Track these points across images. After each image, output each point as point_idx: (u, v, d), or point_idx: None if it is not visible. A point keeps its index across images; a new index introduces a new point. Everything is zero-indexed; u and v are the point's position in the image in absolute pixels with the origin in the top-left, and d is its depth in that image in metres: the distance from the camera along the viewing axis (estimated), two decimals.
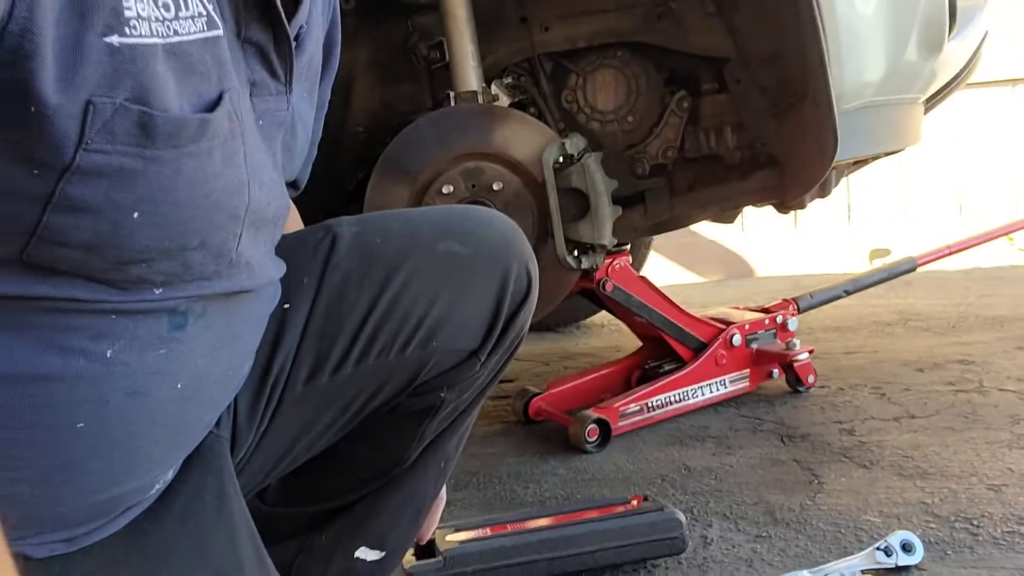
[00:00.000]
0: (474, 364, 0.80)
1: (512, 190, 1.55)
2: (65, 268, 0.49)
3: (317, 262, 0.74)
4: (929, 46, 1.59)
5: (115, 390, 0.53)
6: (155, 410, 0.56)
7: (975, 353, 2.21)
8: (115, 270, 0.51)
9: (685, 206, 1.78)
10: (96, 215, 0.48)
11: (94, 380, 0.52)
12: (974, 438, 1.57)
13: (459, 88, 1.58)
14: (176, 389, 0.57)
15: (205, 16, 0.51)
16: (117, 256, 0.50)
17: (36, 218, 0.46)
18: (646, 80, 1.76)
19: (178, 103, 0.49)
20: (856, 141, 1.55)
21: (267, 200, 0.60)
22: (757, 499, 1.39)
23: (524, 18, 1.72)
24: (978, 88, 3.91)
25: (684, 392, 1.86)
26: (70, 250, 0.48)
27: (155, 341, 0.54)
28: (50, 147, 0.44)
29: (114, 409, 0.54)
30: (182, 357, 0.57)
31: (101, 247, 0.49)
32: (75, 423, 0.52)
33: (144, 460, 0.58)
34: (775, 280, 3.97)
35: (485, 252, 0.78)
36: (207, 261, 0.54)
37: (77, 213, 0.47)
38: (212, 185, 0.52)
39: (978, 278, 3.49)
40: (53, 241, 0.48)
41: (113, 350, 0.52)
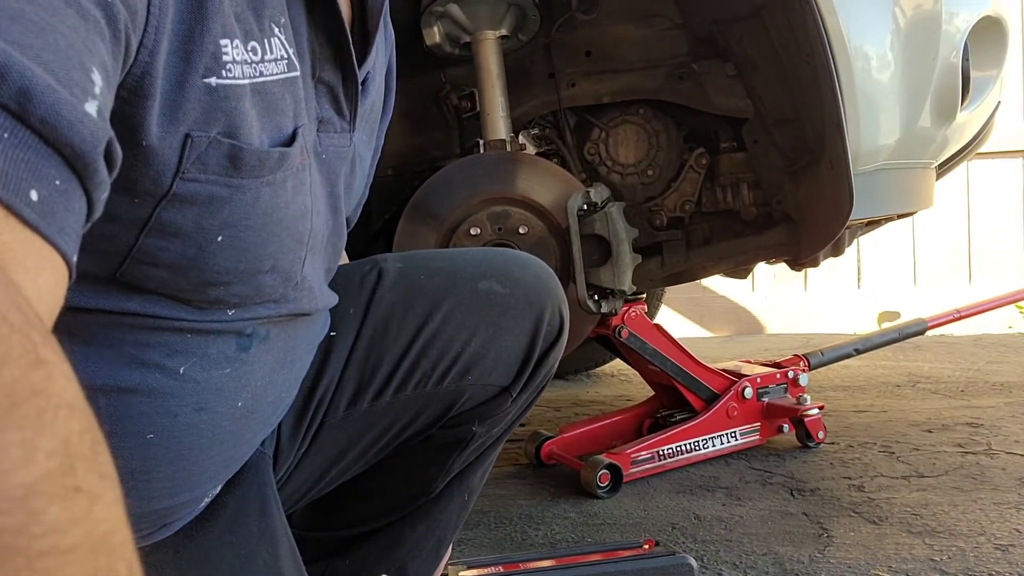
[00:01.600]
0: (505, 400, 0.83)
1: (536, 234, 1.60)
2: (152, 287, 0.53)
3: (363, 294, 0.78)
4: (942, 114, 1.64)
5: (184, 405, 0.57)
6: (216, 426, 0.59)
7: (983, 416, 2.22)
8: (196, 291, 0.54)
9: (700, 259, 1.82)
10: (185, 239, 0.52)
11: (167, 394, 0.56)
12: (982, 499, 1.59)
13: (488, 136, 1.64)
14: (236, 407, 0.61)
15: (286, 59, 0.56)
16: (199, 277, 0.54)
17: (132, 241, 0.51)
18: (666, 136, 1.82)
19: (259, 137, 0.53)
20: (870, 202, 1.60)
21: (324, 227, 0.64)
22: (766, 550, 1.40)
23: (552, 74, 1.79)
24: (990, 158, 3.98)
25: (695, 442, 1.87)
26: (159, 270, 0.52)
27: (223, 360, 0.58)
28: (152, 176, 0.48)
29: (182, 423, 0.57)
30: (244, 377, 0.60)
31: (187, 268, 0.53)
32: (147, 434, 0.56)
33: (201, 473, 0.61)
34: (785, 338, 3.99)
35: (522, 293, 0.81)
36: (276, 284, 0.58)
37: (169, 237, 0.51)
38: (283, 212, 0.56)
39: (987, 344, 3.50)
40: (145, 261, 0.51)
41: (186, 367, 0.56)
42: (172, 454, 0.58)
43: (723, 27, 1.67)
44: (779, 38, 1.56)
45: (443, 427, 0.83)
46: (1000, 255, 4.16)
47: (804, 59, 1.49)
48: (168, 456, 0.58)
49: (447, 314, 0.78)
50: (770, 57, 1.61)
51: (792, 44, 1.52)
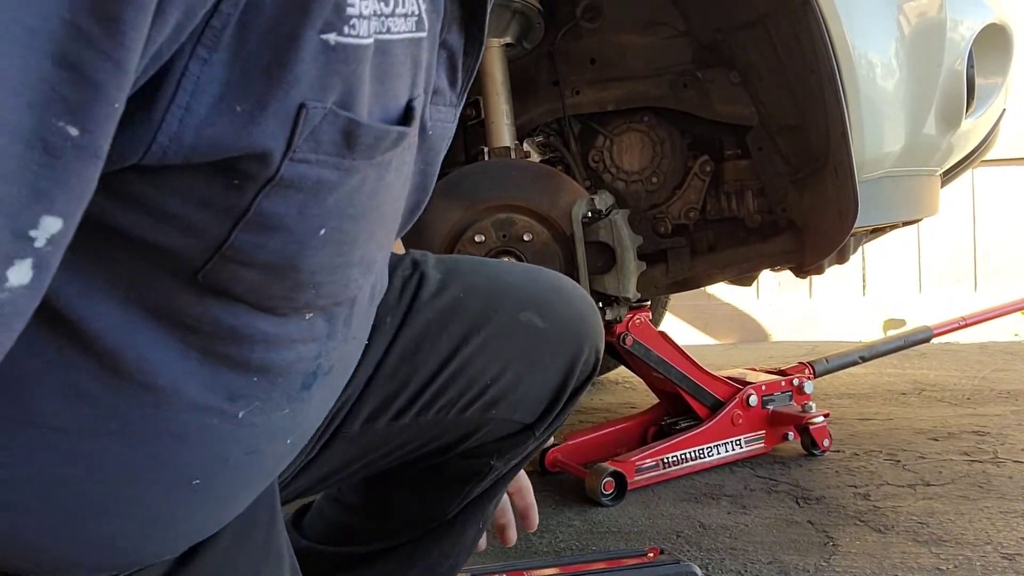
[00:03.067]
0: (527, 437, 0.80)
1: (541, 241, 1.60)
2: (238, 292, 0.45)
3: (402, 304, 0.73)
4: (947, 121, 1.64)
5: (237, 450, 0.52)
6: (262, 467, 0.56)
7: (990, 425, 2.21)
8: (286, 297, 0.47)
9: (705, 266, 1.82)
10: (287, 233, 0.43)
11: (221, 439, 0.50)
12: (988, 507, 1.58)
13: (493, 144, 1.64)
14: (285, 445, 0.56)
15: (416, 16, 0.46)
16: (295, 279, 0.46)
17: (224, 235, 0.42)
18: (671, 144, 1.83)
19: (369, 108, 0.44)
20: (875, 209, 1.60)
21: (404, 210, 0.57)
22: (771, 558, 1.39)
23: (556, 81, 1.80)
24: (995, 165, 3.98)
25: (700, 450, 1.87)
26: (251, 271, 0.44)
27: (284, 402, 0.52)
28: (256, 155, 0.40)
29: (231, 467, 0.52)
30: (300, 415, 0.55)
31: (284, 269, 0.45)
32: (193, 479, 0.51)
33: (236, 509, 0.58)
34: (790, 345, 3.98)
35: (561, 330, 0.77)
36: (359, 276, 0.51)
37: (268, 232, 0.43)
38: (384, 196, 0.48)
39: (993, 352, 3.49)
40: (236, 260, 0.43)
41: (246, 412, 0.50)
42: (214, 497, 0.53)
43: (727, 35, 1.68)
44: (783, 46, 1.56)
45: (460, 456, 0.80)
46: (1006, 262, 4.15)
47: (808, 67, 1.49)
48: (210, 498, 0.53)
49: (483, 342, 0.74)
50: (774, 65, 1.61)
51: (796, 52, 1.52)
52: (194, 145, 0.38)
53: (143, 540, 0.52)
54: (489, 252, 1.60)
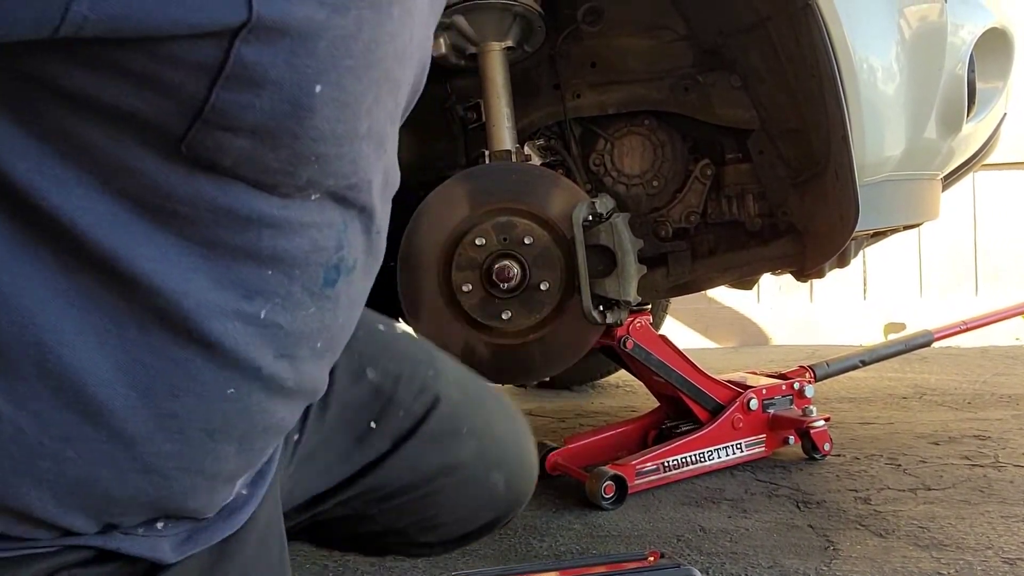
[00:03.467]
0: (436, 550, 0.84)
1: (541, 244, 1.60)
2: (228, 164, 0.40)
3: (410, 416, 0.73)
4: (948, 125, 1.64)
5: (266, 354, 0.48)
6: (298, 371, 0.51)
7: (991, 429, 2.21)
8: (285, 170, 0.42)
9: (706, 270, 1.82)
10: (275, 89, 0.38)
11: (249, 344, 0.47)
12: (990, 512, 1.58)
13: (493, 147, 1.64)
14: (316, 348, 0.51)
15: None
16: (292, 148, 0.41)
17: (204, 93, 0.37)
18: (671, 147, 1.83)
19: None
20: (875, 213, 1.60)
21: (411, 88, 0.52)
22: (772, 563, 1.39)
23: (557, 85, 1.80)
24: (996, 169, 3.98)
25: (701, 453, 1.87)
26: (239, 138, 0.39)
27: (307, 299, 0.48)
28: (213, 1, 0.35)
29: (265, 374, 0.48)
30: (327, 315, 0.51)
31: (278, 134, 0.40)
32: (227, 389, 0.47)
33: (277, 424, 0.54)
34: (790, 349, 3.98)
35: (513, 498, 0.82)
36: (370, 155, 0.46)
37: (254, 87, 0.38)
38: (387, 48, 0.43)
39: (994, 356, 3.49)
40: (221, 125, 0.38)
41: (267, 310, 0.46)
42: (252, 409, 0.49)
43: (728, 39, 1.68)
44: (784, 50, 1.56)
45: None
46: (1007, 266, 4.15)
47: (809, 70, 1.49)
48: (246, 411, 0.49)
49: (454, 485, 0.77)
50: (775, 68, 1.61)
51: (797, 55, 1.52)
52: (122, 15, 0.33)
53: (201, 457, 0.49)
54: (490, 255, 1.60)
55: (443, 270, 1.62)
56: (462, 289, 1.61)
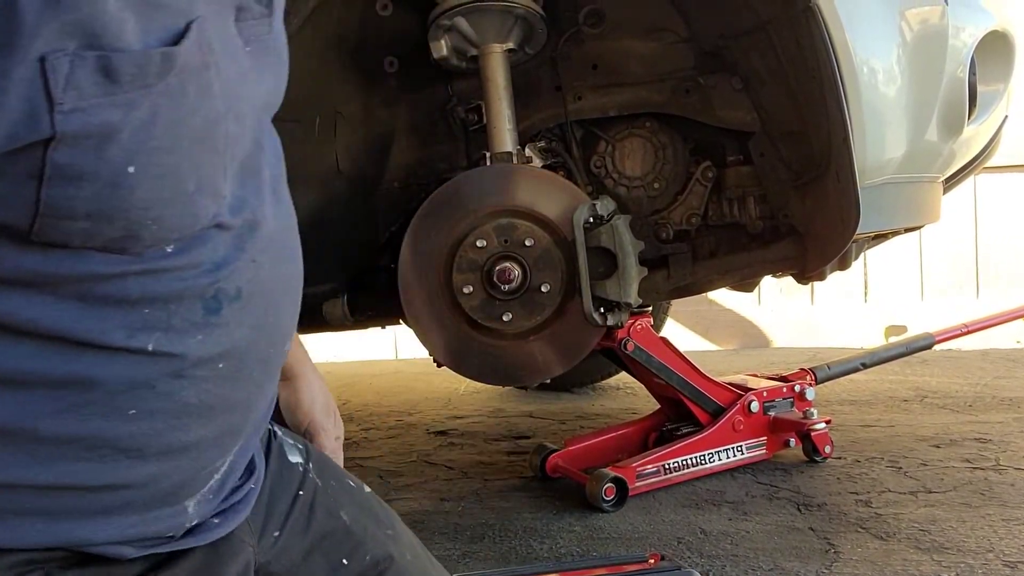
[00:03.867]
0: None
1: (542, 247, 1.60)
2: (77, 243, 0.47)
3: (372, 564, 0.77)
4: (949, 128, 1.64)
5: (161, 376, 0.53)
6: (200, 389, 0.56)
7: (992, 432, 2.21)
8: (127, 239, 0.49)
9: (707, 272, 1.82)
10: (92, 179, 0.45)
11: (140, 369, 0.53)
12: (991, 515, 1.57)
13: (495, 149, 1.64)
14: (218, 369, 0.57)
15: None
16: (125, 220, 0.47)
17: (33, 196, 0.44)
18: (673, 149, 1.83)
19: (142, 40, 0.45)
20: (876, 216, 1.60)
21: (249, 130, 0.57)
22: (773, 565, 1.39)
23: (558, 87, 1.80)
24: (997, 172, 3.98)
25: (701, 456, 1.87)
26: (77, 223, 0.46)
27: (190, 328, 0.53)
28: (22, 119, 0.42)
29: (161, 392, 0.54)
30: (221, 339, 0.56)
31: (108, 214, 0.47)
32: (128, 410, 0.53)
33: (198, 443, 0.58)
34: (791, 351, 3.98)
35: None
36: (209, 204, 0.52)
37: (74, 182, 0.45)
38: (191, 122, 0.49)
39: (994, 359, 3.49)
40: (58, 216, 0.45)
41: (152, 343, 0.52)
42: (160, 425, 0.55)
43: (730, 41, 1.68)
44: (785, 52, 1.56)
45: None
46: (1008, 269, 4.15)
47: (810, 73, 1.49)
48: (156, 428, 0.54)
49: None
50: (777, 71, 1.61)
51: (799, 58, 1.52)
52: None
53: (118, 473, 0.54)
54: (491, 257, 1.60)
55: (444, 272, 1.62)
56: (463, 291, 1.61)
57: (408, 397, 3.18)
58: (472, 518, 1.72)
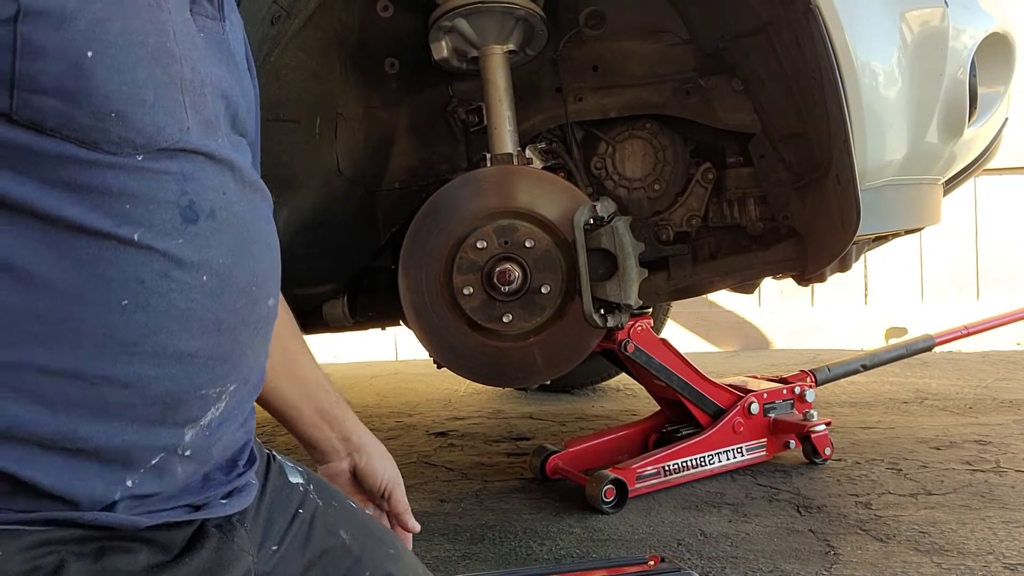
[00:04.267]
0: None
1: (543, 248, 1.60)
2: (51, 125, 0.53)
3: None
4: (950, 130, 1.64)
5: (147, 271, 0.58)
6: (188, 298, 0.61)
7: (992, 434, 2.21)
8: (95, 128, 0.55)
9: (707, 273, 1.82)
10: (57, 57, 0.52)
11: (129, 262, 0.57)
12: (991, 517, 1.57)
13: (495, 150, 1.64)
14: (202, 281, 0.61)
15: None
16: (89, 104, 0.54)
17: (10, 68, 0.52)
18: (673, 151, 1.83)
19: None
20: (877, 218, 1.60)
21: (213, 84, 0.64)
22: (773, 567, 1.39)
23: (559, 88, 1.80)
24: (998, 174, 3.98)
25: (701, 457, 1.87)
26: (48, 98, 0.53)
27: (171, 231, 0.59)
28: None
29: (150, 288, 0.58)
30: (202, 251, 0.61)
31: (74, 93, 0.53)
32: (121, 300, 0.57)
33: (190, 354, 0.61)
34: (791, 353, 3.97)
35: None
36: (168, 123, 0.58)
37: (41, 57, 0.52)
38: (143, 39, 0.57)
39: (995, 361, 3.49)
40: (31, 89, 0.52)
41: (138, 234, 0.57)
42: (152, 324, 0.58)
43: (730, 43, 1.68)
44: (786, 54, 1.56)
45: None
46: (1008, 271, 4.15)
47: (811, 75, 1.49)
48: (148, 326, 0.58)
49: None
50: (777, 73, 1.62)
51: (799, 60, 1.52)
52: None
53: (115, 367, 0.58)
54: (491, 258, 1.60)
55: (444, 273, 1.62)
56: (463, 292, 1.61)
57: (408, 398, 3.18)
58: (472, 519, 1.72)
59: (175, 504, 0.63)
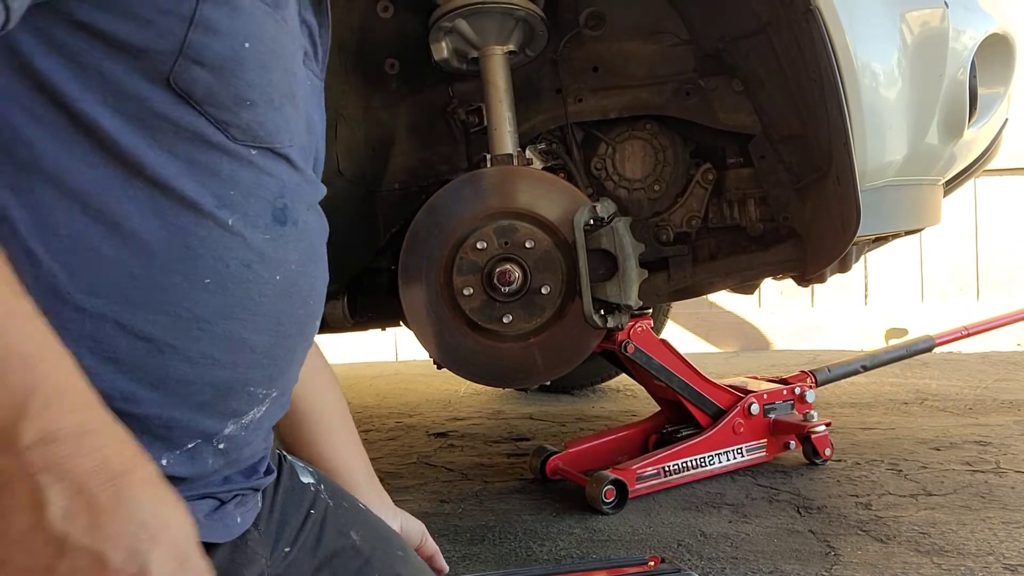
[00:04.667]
0: None
1: (543, 248, 1.60)
2: (198, 95, 0.58)
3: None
4: (950, 130, 1.64)
5: (234, 257, 0.61)
6: (261, 291, 0.64)
7: (992, 435, 2.21)
8: (231, 109, 0.60)
9: (707, 274, 1.82)
10: (223, 37, 0.58)
11: (219, 243, 0.61)
12: (991, 518, 1.57)
13: (495, 151, 1.64)
14: (275, 279, 0.65)
15: None
16: (235, 88, 0.59)
17: (183, 36, 0.56)
18: (673, 152, 1.83)
19: None
20: (877, 218, 1.60)
21: (308, 111, 0.71)
22: (773, 568, 1.39)
23: (559, 89, 1.80)
24: (998, 174, 3.98)
25: (701, 458, 1.87)
26: (204, 70, 0.58)
27: (262, 225, 0.63)
28: None
29: (233, 274, 0.61)
30: (281, 251, 0.65)
31: (226, 73, 0.59)
32: (204, 278, 0.60)
33: (250, 347, 0.63)
34: (791, 354, 3.98)
35: None
36: (285, 125, 0.64)
37: (211, 33, 0.57)
38: (281, 53, 0.63)
39: (995, 362, 3.49)
40: (193, 59, 0.57)
41: (233, 219, 0.61)
42: (226, 309, 0.61)
43: (730, 44, 1.68)
44: (786, 55, 1.56)
45: None
46: (1008, 272, 4.15)
47: (811, 75, 1.49)
48: (223, 310, 0.61)
49: None
50: (777, 73, 1.61)
51: (799, 60, 1.52)
52: None
53: (188, 345, 0.60)
54: (491, 259, 1.60)
55: (444, 274, 1.62)
56: (463, 293, 1.61)
57: (408, 399, 3.18)
58: (472, 520, 1.72)
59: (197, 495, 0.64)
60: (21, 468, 0.41)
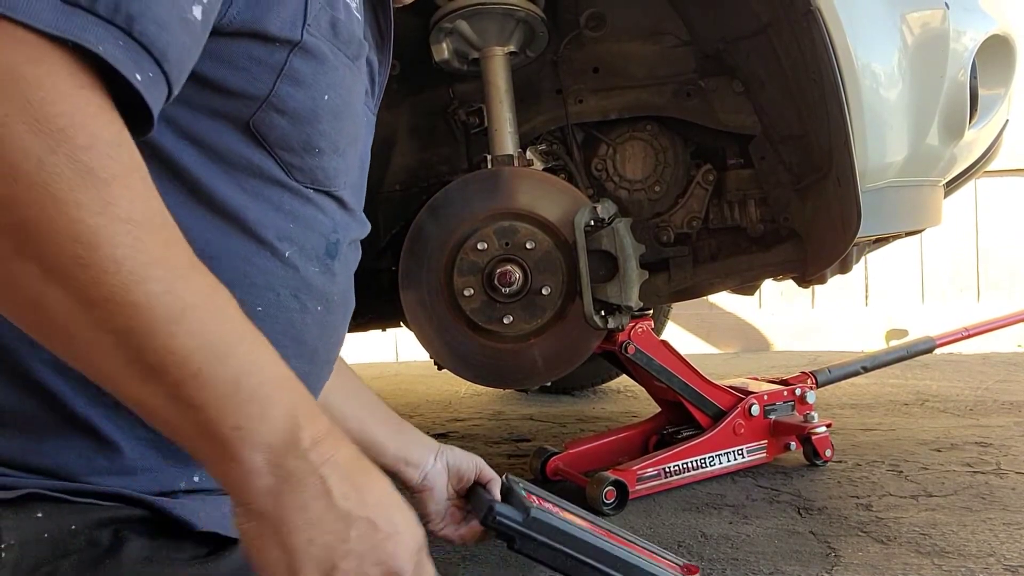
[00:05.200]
0: None
1: (543, 249, 1.60)
2: (273, 139, 0.61)
3: None
4: (950, 131, 1.64)
5: (285, 287, 0.65)
6: (303, 321, 0.67)
7: (992, 436, 2.20)
8: (301, 153, 0.63)
9: (707, 275, 1.82)
10: (307, 89, 0.61)
11: (274, 273, 0.64)
12: (992, 519, 1.57)
13: (496, 152, 1.64)
14: (317, 310, 0.68)
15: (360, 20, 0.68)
16: (308, 134, 0.63)
17: (271, 85, 0.60)
18: (673, 153, 1.83)
19: (343, 16, 0.65)
20: (877, 219, 1.60)
21: (363, 163, 0.75)
22: (773, 569, 1.39)
23: (559, 90, 1.80)
24: (998, 175, 3.98)
25: (702, 459, 1.87)
26: (283, 118, 0.61)
27: (314, 258, 0.67)
28: (287, 24, 0.59)
29: (282, 303, 0.65)
30: (327, 284, 0.68)
31: (303, 121, 0.62)
32: (256, 306, 0.63)
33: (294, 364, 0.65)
34: (792, 355, 3.97)
35: None
36: (340, 174, 0.68)
37: (296, 84, 0.61)
38: (355, 104, 0.68)
39: (995, 363, 3.49)
40: (275, 108, 0.60)
41: (290, 252, 0.65)
42: (273, 336, 0.61)
43: (730, 44, 1.68)
44: (786, 55, 1.56)
45: None
46: (1009, 273, 4.15)
47: (811, 76, 1.49)
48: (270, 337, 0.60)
49: None
50: (777, 74, 1.61)
51: (799, 61, 1.52)
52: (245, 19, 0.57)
53: None
54: (491, 259, 1.60)
55: (445, 274, 1.62)
56: (463, 293, 1.61)
57: (409, 399, 3.18)
58: None
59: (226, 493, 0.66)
60: (309, 467, 0.51)
